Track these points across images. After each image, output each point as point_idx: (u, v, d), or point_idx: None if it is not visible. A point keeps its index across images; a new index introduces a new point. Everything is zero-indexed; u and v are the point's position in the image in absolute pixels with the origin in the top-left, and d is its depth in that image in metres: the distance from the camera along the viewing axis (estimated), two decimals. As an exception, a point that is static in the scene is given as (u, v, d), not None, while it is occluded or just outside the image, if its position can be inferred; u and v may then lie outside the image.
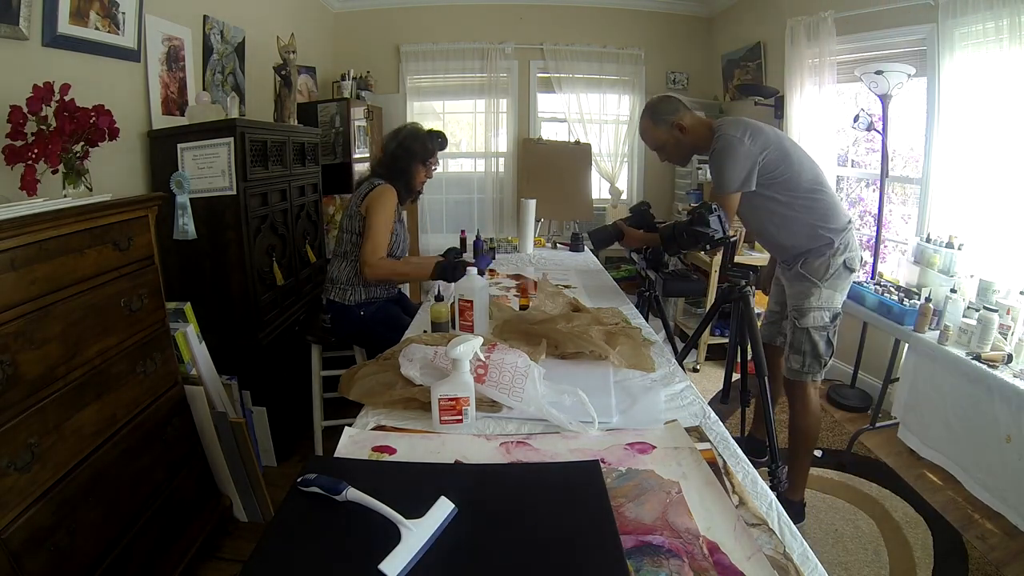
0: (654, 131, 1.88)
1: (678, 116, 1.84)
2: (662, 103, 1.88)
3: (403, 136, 2.11)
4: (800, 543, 0.76)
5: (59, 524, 1.22)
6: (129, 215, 1.51)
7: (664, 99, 1.90)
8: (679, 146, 1.88)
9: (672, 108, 1.85)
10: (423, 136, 2.11)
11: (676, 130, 1.85)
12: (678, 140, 1.86)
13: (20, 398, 1.15)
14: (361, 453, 0.99)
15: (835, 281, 1.80)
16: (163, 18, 2.18)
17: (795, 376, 1.87)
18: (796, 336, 1.85)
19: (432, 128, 2.17)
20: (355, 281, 2.08)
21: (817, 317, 1.81)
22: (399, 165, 2.08)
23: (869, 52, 2.89)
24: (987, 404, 1.82)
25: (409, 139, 2.09)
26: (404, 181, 2.10)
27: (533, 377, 1.12)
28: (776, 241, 1.91)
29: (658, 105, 1.88)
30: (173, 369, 1.71)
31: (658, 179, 4.62)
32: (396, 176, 2.09)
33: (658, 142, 1.89)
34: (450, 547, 0.73)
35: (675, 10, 4.44)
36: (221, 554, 1.82)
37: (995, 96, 2.25)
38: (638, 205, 2.16)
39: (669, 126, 1.85)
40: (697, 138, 1.85)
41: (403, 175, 2.10)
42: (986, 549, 1.83)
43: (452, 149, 4.71)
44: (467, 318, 1.51)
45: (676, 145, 1.88)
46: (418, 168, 2.12)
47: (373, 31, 4.28)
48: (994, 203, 2.29)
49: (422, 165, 2.12)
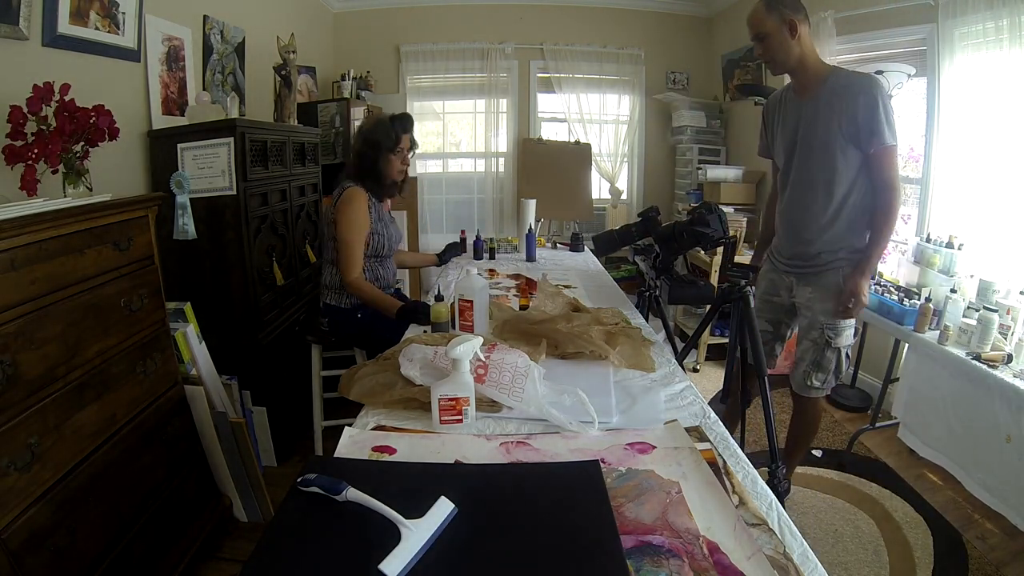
0: (764, 17, 1.66)
1: (797, 16, 1.63)
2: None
3: (366, 130, 2.04)
4: (800, 543, 0.76)
5: (59, 524, 1.22)
6: (129, 215, 1.51)
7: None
8: (783, 47, 1.66)
9: (794, 4, 1.64)
10: (384, 124, 2.00)
11: (787, 27, 1.63)
12: (784, 40, 1.65)
13: (20, 398, 1.15)
14: (361, 453, 0.99)
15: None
16: (163, 18, 2.18)
17: (812, 393, 1.81)
18: (827, 356, 1.75)
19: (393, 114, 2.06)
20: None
21: (850, 335, 1.74)
22: (366, 161, 2.01)
23: (869, 52, 2.89)
24: (987, 404, 1.82)
25: (371, 131, 2.01)
26: (374, 176, 2.02)
27: (533, 377, 1.12)
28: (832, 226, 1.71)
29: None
30: (173, 369, 1.71)
31: (658, 179, 4.62)
32: (364, 173, 2.02)
33: (763, 29, 1.67)
34: (450, 547, 0.72)
35: (675, 10, 4.44)
36: (221, 554, 1.82)
37: (995, 96, 2.25)
38: (647, 211, 2.06)
39: (782, 20, 1.62)
40: (802, 54, 1.66)
41: (372, 170, 2.01)
42: (986, 549, 1.83)
43: (452, 149, 4.75)
44: (467, 318, 1.51)
45: (781, 44, 1.66)
46: (388, 159, 2.01)
47: (373, 31, 4.28)
48: (994, 203, 2.29)
49: (391, 154, 2.01)
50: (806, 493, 2.13)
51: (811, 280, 1.78)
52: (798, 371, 1.85)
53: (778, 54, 1.69)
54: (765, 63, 1.80)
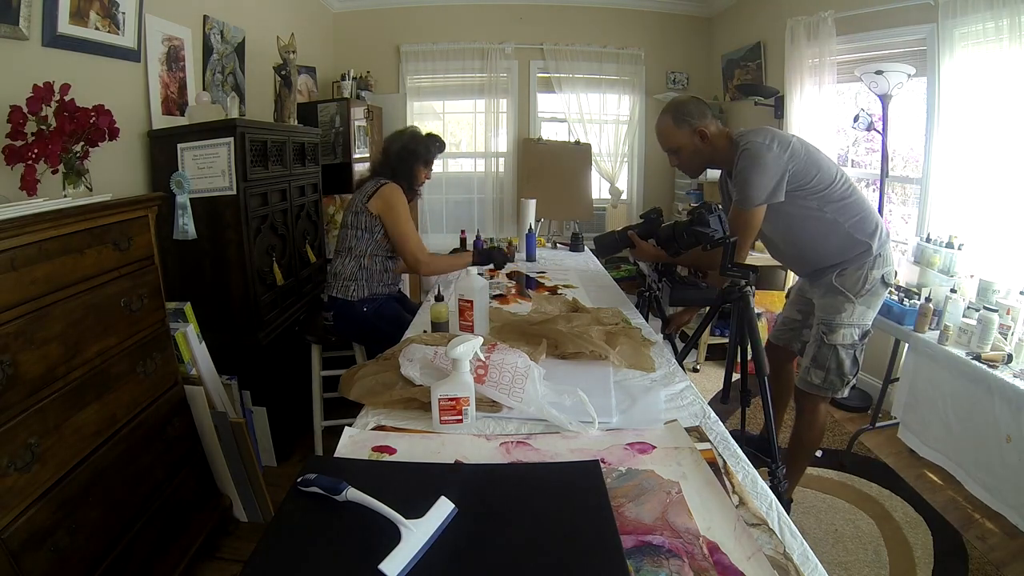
0: (674, 132, 1.72)
1: (703, 122, 1.69)
2: (690, 104, 1.73)
3: (407, 138, 2.22)
4: (800, 543, 0.76)
5: (59, 524, 1.22)
6: (129, 215, 1.51)
7: (693, 100, 1.75)
8: (697, 154, 1.74)
9: (699, 111, 1.71)
10: (425, 139, 2.22)
11: (697, 136, 1.70)
12: (697, 148, 1.72)
13: (20, 398, 1.15)
14: (361, 453, 0.99)
15: (870, 298, 1.72)
16: (163, 18, 2.18)
17: (811, 390, 1.81)
18: (822, 351, 1.76)
19: (430, 132, 2.28)
20: (358, 276, 2.11)
21: (847, 334, 1.73)
22: (405, 165, 2.18)
23: (869, 52, 2.89)
24: (987, 404, 1.82)
25: (413, 141, 2.20)
26: (408, 181, 2.19)
27: (533, 377, 1.11)
28: (807, 253, 1.80)
29: (685, 105, 1.73)
30: (173, 369, 1.71)
31: (658, 179, 4.62)
32: (401, 176, 2.18)
33: (675, 145, 1.75)
34: (450, 547, 0.72)
35: (675, 10, 4.44)
36: (221, 554, 1.82)
37: (995, 96, 2.25)
38: (648, 212, 2.03)
39: (692, 131, 1.70)
40: (716, 149, 1.72)
41: (407, 175, 2.19)
42: (986, 549, 1.83)
43: (452, 149, 4.74)
44: (467, 318, 1.51)
45: (694, 152, 1.74)
46: (420, 169, 2.22)
47: (373, 31, 4.29)
48: (994, 203, 2.29)
49: (423, 166, 2.22)
50: (806, 493, 2.13)
51: (809, 280, 1.88)
52: (803, 366, 1.88)
53: (693, 162, 1.78)
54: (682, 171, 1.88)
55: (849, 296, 1.71)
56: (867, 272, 1.70)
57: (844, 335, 1.73)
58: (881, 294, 1.74)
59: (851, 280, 1.71)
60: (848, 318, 1.72)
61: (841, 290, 1.72)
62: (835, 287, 1.73)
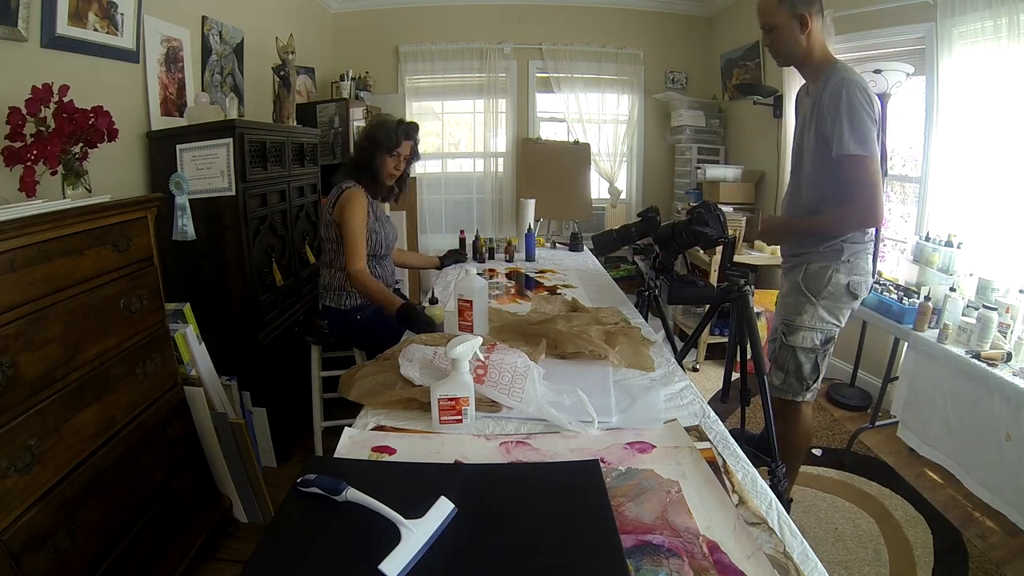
0: (774, 9, 1.60)
1: (810, 10, 1.56)
2: None
3: (370, 127, 2.08)
4: (800, 542, 0.76)
5: (59, 525, 1.22)
6: (128, 216, 1.51)
7: None
8: (790, 40, 1.61)
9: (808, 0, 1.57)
10: (389, 125, 2.02)
11: (797, 22, 1.57)
12: (793, 34, 1.59)
13: (20, 399, 1.15)
14: (361, 453, 0.99)
15: (832, 303, 1.67)
16: (162, 19, 2.18)
17: (776, 393, 1.78)
18: (781, 352, 1.74)
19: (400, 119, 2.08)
20: (347, 286, 2.06)
21: (807, 337, 1.69)
22: (364, 157, 2.02)
23: (868, 51, 2.89)
24: (987, 402, 1.82)
25: (374, 129, 2.04)
26: (370, 174, 2.03)
27: (533, 377, 1.12)
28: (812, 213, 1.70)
29: None
30: (173, 370, 1.71)
31: (657, 179, 4.63)
32: (362, 170, 2.03)
33: (772, 22, 1.62)
34: (450, 547, 0.72)
35: (674, 10, 4.44)
36: (221, 554, 1.82)
37: (994, 95, 2.25)
38: (646, 211, 2.03)
39: (792, 14, 1.57)
40: (811, 49, 1.60)
41: (368, 168, 2.02)
42: (986, 548, 1.83)
43: (451, 149, 4.75)
44: (466, 318, 1.51)
45: (789, 36, 1.60)
46: (383, 158, 2.01)
47: (372, 31, 4.28)
48: (993, 201, 2.30)
49: (388, 155, 2.02)
50: (806, 492, 2.13)
51: (785, 275, 1.84)
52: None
53: (783, 47, 1.65)
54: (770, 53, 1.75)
55: (811, 298, 1.68)
56: (832, 273, 1.65)
57: (803, 337, 1.70)
58: (847, 303, 1.68)
59: (815, 279, 1.68)
60: (808, 320, 1.69)
61: (804, 291, 1.69)
62: (799, 286, 1.71)
